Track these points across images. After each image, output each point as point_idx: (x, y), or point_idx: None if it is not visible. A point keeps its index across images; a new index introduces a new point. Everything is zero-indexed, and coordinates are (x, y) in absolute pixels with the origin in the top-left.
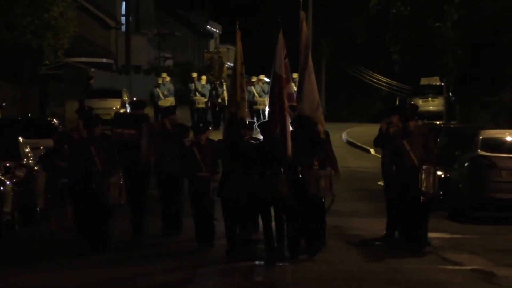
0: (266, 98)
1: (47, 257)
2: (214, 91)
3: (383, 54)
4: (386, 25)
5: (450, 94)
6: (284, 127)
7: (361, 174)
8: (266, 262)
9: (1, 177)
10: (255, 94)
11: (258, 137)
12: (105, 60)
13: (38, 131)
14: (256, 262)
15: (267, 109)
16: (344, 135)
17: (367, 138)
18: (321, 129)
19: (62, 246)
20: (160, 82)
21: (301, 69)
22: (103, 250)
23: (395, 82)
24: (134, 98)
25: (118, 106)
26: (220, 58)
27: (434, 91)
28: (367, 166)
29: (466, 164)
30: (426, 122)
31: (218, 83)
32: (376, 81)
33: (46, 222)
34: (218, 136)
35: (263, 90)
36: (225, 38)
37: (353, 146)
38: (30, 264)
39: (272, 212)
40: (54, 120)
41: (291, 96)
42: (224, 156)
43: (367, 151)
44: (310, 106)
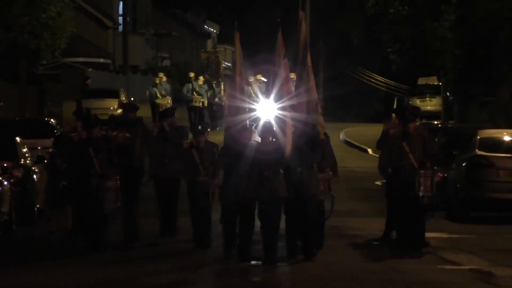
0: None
1: (46, 257)
2: (211, 91)
3: (381, 54)
4: (383, 25)
5: (448, 94)
6: (284, 128)
7: (359, 174)
8: (264, 262)
9: None
10: (252, 94)
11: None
12: (102, 60)
13: (36, 131)
14: (253, 263)
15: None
16: (341, 135)
17: (365, 138)
18: (320, 129)
19: (61, 246)
20: (157, 82)
21: (299, 68)
22: (101, 251)
23: (393, 82)
24: (132, 99)
25: (116, 106)
26: (217, 57)
27: (432, 91)
28: (365, 166)
29: (464, 164)
30: (424, 122)
31: (215, 83)
32: (373, 81)
33: (46, 222)
34: (216, 136)
35: (261, 90)
36: (222, 38)
37: (350, 146)
38: (29, 264)
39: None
40: (52, 120)
41: (292, 95)
42: (225, 162)
43: (365, 151)
44: (309, 106)
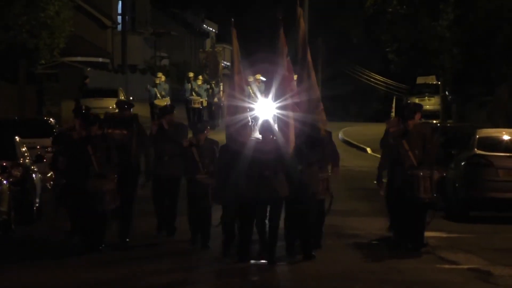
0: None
1: (46, 257)
2: (210, 90)
3: (380, 53)
4: (382, 24)
5: (446, 93)
6: (283, 127)
7: (357, 173)
8: (263, 261)
9: None
10: (251, 93)
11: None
12: (101, 59)
13: (35, 131)
14: (253, 262)
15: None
16: (341, 134)
17: (364, 137)
18: (321, 126)
19: (60, 246)
20: (157, 82)
21: (300, 66)
22: (100, 250)
23: (392, 81)
24: (131, 98)
25: (114, 106)
26: (215, 57)
27: (431, 90)
28: (364, 165)
29: (462, 163)
30: (423, 121)
31: (214, 82)
32: (373, 80)
33: (49, 220)
34: (214, 136)
35: (260, 89)
36: (221, 38)
37: (349, 145)
38: (29, 264)
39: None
40: (51, 119)
41: (294, 93)
42: (225, 161)
43: (364, 150)
44: (310, 103)
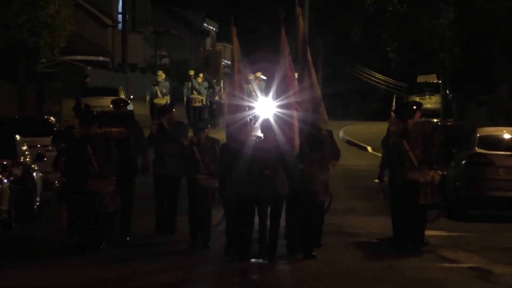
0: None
1: (46, 256)
2: (211, 89)
3: (380, 52)
4: (382, 23)
5: (447, 91)
6: (288, 125)
7: (358, 172)
8: (263, 260)
9: None
10: (252, 92)
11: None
12: (101, 58)
13: (35, 129)
14: (253, 261)
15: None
16: (341, 133)
17: (364, 136)
18: (322, 125)
19: (60, 245)
20: (159, 80)
21: (300, 64)
22: (101, 249)
23: (392, 80)
24: (131, 97)
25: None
26: (215, 55)
27: (431, 89)
28: (364, 164)
29: (463, 162)
30: (424, 119)
31: (215, 81)
32: (373, 79)
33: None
34: (215, 134)
35: (260, 87)
36: (221, 36)
37: (350, 144)
38: (29, 263)
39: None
40: (51, 118)
41: (296, 92)
42: (226, 160)
43: (364, 149)
44: (312, 102)
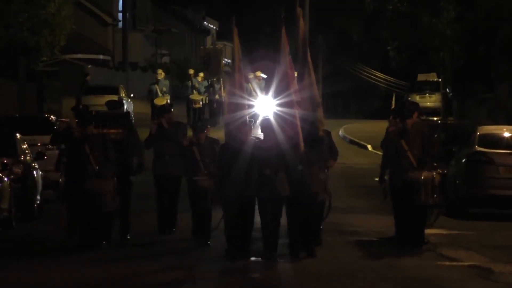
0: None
1: (46, 255)
2: (211, 88)
3: (380, 51)
4: (383, 22)
5: (447, 90)
6: (288, 124)
7: (358, 171)
8: (264, 259)
9: None
10: (252, 91)
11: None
12: (102, 56)
13: (35, 128)
14: (253, 259)
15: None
16: (341, 131)
17: (365, 135)
18: (320, 126)
19: (60, 244)
20: (159, 78)
21: (300, 65)
22: (101, 248)
23: (392, 79)
24: (132, 95)
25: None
26: (216, 54)
27: (431, 87)
28: (364, 163)
29: (463, 160)
30: (424, 118)
31: (215, 80)
32: (373, 77)
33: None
34: (216, 133)
35: (260, 86)
36: (222, 35)
37: (350, 142)
38: (29, 263)
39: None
40: (52, 116)
41: (296, 92)
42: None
43: (365, 148)
44: (311, 102)
